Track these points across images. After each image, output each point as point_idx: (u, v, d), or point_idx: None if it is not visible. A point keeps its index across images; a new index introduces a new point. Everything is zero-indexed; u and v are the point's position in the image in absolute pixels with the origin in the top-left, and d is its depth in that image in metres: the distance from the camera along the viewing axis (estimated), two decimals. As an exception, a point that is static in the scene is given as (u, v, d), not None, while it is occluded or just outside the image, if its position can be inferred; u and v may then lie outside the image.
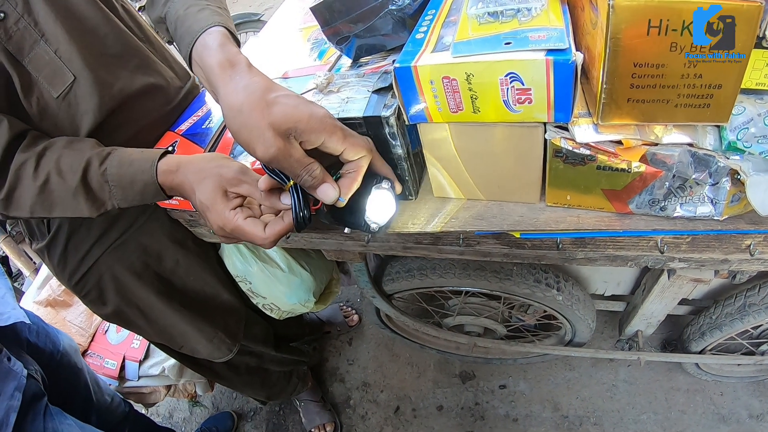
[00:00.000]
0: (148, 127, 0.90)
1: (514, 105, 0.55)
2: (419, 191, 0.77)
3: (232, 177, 0.64)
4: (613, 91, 0.51)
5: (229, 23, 0.67)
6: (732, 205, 0.62)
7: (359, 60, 0.81)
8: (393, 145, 0.67)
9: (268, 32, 1.06)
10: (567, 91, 0.52)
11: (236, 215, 0.63)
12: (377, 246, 0.86)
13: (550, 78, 0.51)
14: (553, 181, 0.64)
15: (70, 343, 1.29)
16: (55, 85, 0.74)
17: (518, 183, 0.67)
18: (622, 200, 0.63)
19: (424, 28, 0.64)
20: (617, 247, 0.72)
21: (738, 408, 1.46)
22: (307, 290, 1.20)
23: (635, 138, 0.55)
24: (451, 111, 0.59)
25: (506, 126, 0.59)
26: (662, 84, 0.50)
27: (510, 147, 0.62)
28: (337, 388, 1.83)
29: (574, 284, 1.16)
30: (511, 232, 0.70)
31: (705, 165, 0.57)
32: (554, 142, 0.58)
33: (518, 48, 0.52)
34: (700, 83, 0.49)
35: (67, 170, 0.70)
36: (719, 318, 1.10)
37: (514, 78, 0.52)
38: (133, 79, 0.85)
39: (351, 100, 0.68)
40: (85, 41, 0.77)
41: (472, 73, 0.54)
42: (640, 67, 0.49)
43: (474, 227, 0.69)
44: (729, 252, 0.69)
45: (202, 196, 0.65)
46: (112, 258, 0.94)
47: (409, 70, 0.57)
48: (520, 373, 1.67)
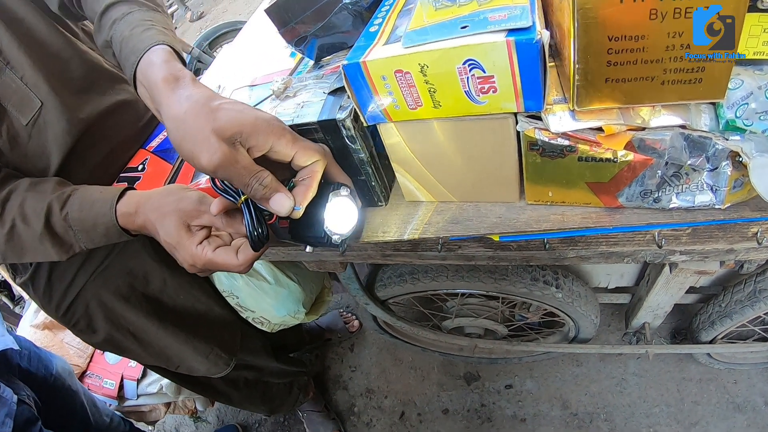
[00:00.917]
0: (121, 145, 0.89)
1: (478, 96, 0.49)
2: (389, 197, 0.71)
3: (191, 210, 0.62)
4: (587, 71, 0.44)
5: (175, 43, 0.63)
6: (735, 192, 0.55)
7: (321, 61, 0.75)
8: (353, 150, 0.60)
9: (243, 39, 1.04)
10: (535, 75, 0.45)
11: (204, 249, 0.61)
12: (355, 255, 0.81)
13: (514, 62, 0.44)
14: (532, 177, 0.57)
15: (63, 366, 1.29)
16: (24, 112, 0.74)
17: (494, 181, 0.60)
18: (610, 193, 0.57)
19: (379, 20, 0.58)
20: (611, 243, 0.65)
21: (754, 396, 1.39)
22: (296, 301, 1.18)
23: (618, 123, 0.49)
24: (410, 108, 0.53)
25: (472, 120, 0.52)
26: (644, 59, 0.43)
27: (479, 143, 0.55)
28: (341, 396, 1.79)
29: (574, 280, 1.10)
30: (490, 236, 0.63)
31: (701, 148, 0.51)
32: (527, 133, 0.51)
33: (476, 31, 0.45)
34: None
35: (31, 215, 0.69)
36: (729, 306, 1.03)
37: (474, 65, 0.46)
38: (102, 99, 0.85)
39: (307, 104, 0.62)
40: (49, 66, 0.76)
41: (426, 63, 0.47)
42: (616, 40, 0.42)
43: (448, 233, 0.63)
44: (734, 241, 0.62)
45: (166, 236, 0.63)
46: (97, 284, 0.92)
47: (359, 67, 0.51)
48: (526, 371, 1.61)
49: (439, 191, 0.64)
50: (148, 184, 0.84)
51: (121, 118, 0.88)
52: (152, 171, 0.86)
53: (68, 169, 0.80)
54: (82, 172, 0.82)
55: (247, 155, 0.52)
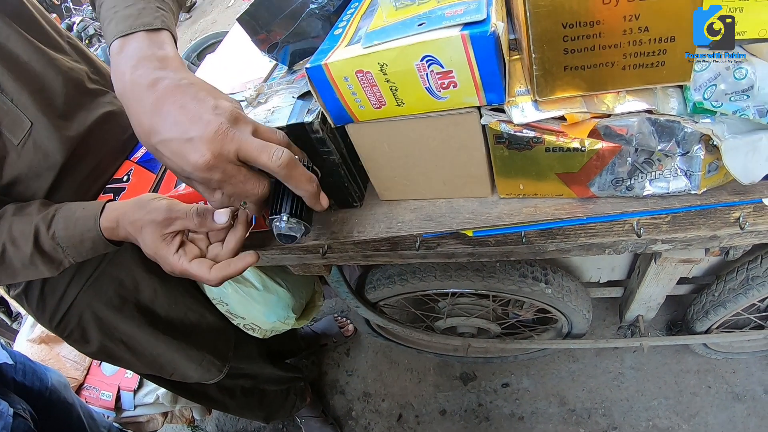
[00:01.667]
0: (107, 158, 0.90)
1: (439, 91, 0.48)
2: (365, 197, 0.70)
3: (162, 219, 0.63)
4: (544, 60, 0.44)
5: (127, 27, 0.58)
6: (710, 176, 0.55)
7: (293, 66, 0.75)
8: (324, 152, 0.60)
9: (225, 48, 1.04)
10: (492, 67, 0.45)
11: (180, 259, 0.63)
12: (337, 257, 0.80)
13: (470, 55, 0.44)
14: (501, 171, 0.57)
15: (59, 379, 1.28)
16: (15, 133, 0.75)
17: (464, 177, 0.60)
18: (581, 183, 0.56)
19: (343, 23, 0.58)
20: (589, 234, 0.65)
21: (752, 384, 1.37)
22: (286, 307, 1.17)
23: (582, 111, 0.48)
24: (374, 107, 0.52)
25: (436, 116, 0.52)
26: (602, 44, 0.43)
27: (446, 139, 0.55)
28: (338, 401, 1.78)
29: (564, 275, 1.09)
30: (463, 231, 0.63)
31: (670, 133, 0.50)
32: (492, 126, 0.51)
33: (432, 27, 0.45)
34: (647, 38, 0.42)
35: (20, 238, 0.71)
36: (722, 294, 1.02)
37: (432, 61, 0.45)
38: (87, 115, 0.86)
39: (277, 109, 0.62)
40: (34, 87, 0.77)
41: (385, 62, 0.47)
42: (570, 27, 0.41)
43: (421, 229, 0.62)
44: (717, 227, 0.61)
45: (146, 248, 0.65)
46: (88, 295, 0.92)
47: (321, 69, 0.50)
48: (523, 369, 1.60)
49: (412, 189, 0.64)
50: (132, 194, 0.85)
51: (106, 131, 0.89)
52: (136, 181, 0.88)
53: (58, 185, 0.81)
54: (71, 186, 0.83)
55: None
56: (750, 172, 0.51)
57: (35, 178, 0.79)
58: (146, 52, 0.54)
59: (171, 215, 0.63)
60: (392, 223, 0.65)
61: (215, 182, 0.51)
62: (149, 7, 0.59)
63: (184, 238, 0.66)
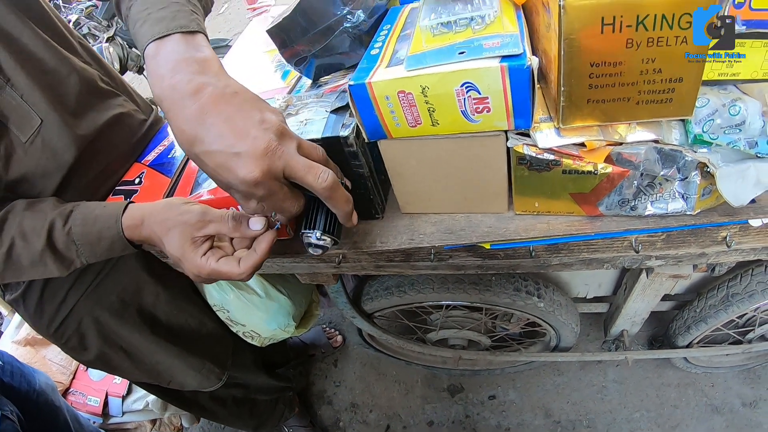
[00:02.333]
0: (116, 161, 0.89)
1: (473, 115, 0.53)
2: (386, 209, 0.75)
3: (196, 222, 0.63)
4: (572, 93, 0.50)
5: (164, 29, 0.57)
6: (704, 199, 0.61)
7: (319, 80, 0.79)
8: (355, 165, 0.64)
9: (234, 56, 1.06)
10: (525, 96, 0.50)
11: (208, 260, 0.62)
12: (349, 267, 0.84)
13: (507, 85, 0.49)
14: (520, 189, 0.62)
15: (47, 381, 1.26)
16: (23, 130, 0.73)
17: (484, 194, 0.65)
18: (591, 203, 0.62)
19: (379, 44, 0.62)
20: (591, 250, 0.70)
21: (730, 397, 1.45)
22: (287, 315, 1.18)
23: (599, 139, 0.54)
24: (410, 125, 0.57)
25: (467, 137, 0.57)
26: (621, 82, 0.49)
27: (473, 158, 0.60)
28: (326, 411, 1.79)
29: (554, 290, 1.15)
30: (481, 244, 0.68)
31: (672, 160, 0.56)
32: (517, 149, 0.56)
33: (472, 57, 0.50)
34: (660, 78, 0.48)
35: (30, 234, 0.69)
36: (703, 310, 1.09)
37: (470, 87, 0.51)
38: (98, 115, 0.84)
39: (309, 121, 0.66)
40: (46, 84, 0.76)
41: (427, 85, 0.52)
42: (597, 66, 0.47)
43: (443, 242, 0.67)
44: (705, 245, 0.68)
45: (171, 249, 0.64)
46: (90, 301, 0.91)
47: (364, 87, 0.55)
48: (509, 382, 1.65)
49: (434, 203, 0.69)
50: (145, 197, 0.85)
51: (116, 133, 0.89)
52: (150, 184, 0.87)
53: (66, 185, 0.80)
54: (78, 187, 0.82)
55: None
56: (740, 196, 0.57)
57: (43, 177, 0.77)
58: (184, 55, 0.53)
59: (205, 218, 0.63)
60: (414, 235, 0.69)
61: (257, 196, 0.51)
62: (183, 9, 0.58)
63: (212, 243, 0.65)
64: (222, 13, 5.22)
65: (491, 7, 0.54)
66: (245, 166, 0.48)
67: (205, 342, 1.10)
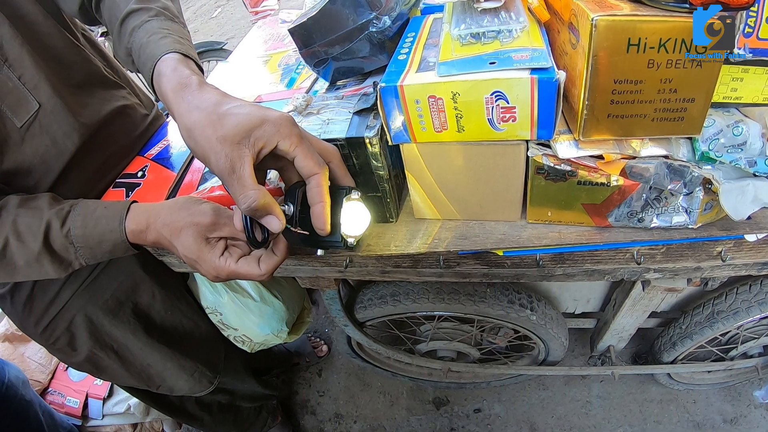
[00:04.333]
0: (117, 154, 0.88)
1: (499, 123, 0.56)
2: (399, 214, 0.77)
3: (209, 223, 0.62)
4: (594, 107, 0.53)
5: (190, 51, 0.65)
6: (705, 213, 0.64)
7: (336, 83, 0.81)
8: (375, 167, 0.66)
9: (237, 59, 1.06)
10: (550, 108, 0.53)
11: (227, 260, 0.61)
12: (355, 271, 0.84)
13: (535, 96, 0.52)
14: (535, 198, 0.65)
15: (16, 374, 1.23)
16: (18, 114, 0.70)
17: (500, 201, 0.68)
18: (602, 214, 0.65)
19: (405, 50, 0.65)
20: (595, 261, 0.73)
21: (712, 414, 1.50)
22: (280, 320, 1.17)
23: (615, 152, 0.57)
24: (435, 130, 0.59)
25: (489, 144, 0.60)
26: (640, 99, 0.52)
27: (491, 166, 0.62)
28: (309, 421, 1.78)
29: (546, 303, 1.17)
30: (495, 251, 0.70)
31: (680, 175, 0.60)
32: (536, 159, 0.59)
33: (503, 67, 0.53)
34: (674, 98, 0.52)
35: (26, 233, 0.66)
36: (689, 327, 1.13)
37: (500, 96, 0.53)
38: (102, 105, 0.83)
39: (332, 121, 0.67)
40: (52, 68, 0.74)
41: (458, 92, 0.54)
42: (619, 83, 0.51)
43: (458, 247, 0.69)
44: (701, 259, 0.72)
45: (185, 251, 0.62)
46: (83, 298, 0.88)
47: (395, 90, 0.57)
48: (494, 395, 1.67)
49: (449, 209, 0.71)
50: (148, 191, 0.83)
51: (119, 125, 0.88)
52: (153, 178, 0.86)
53: (66, 176, 0.78)
54: (79, 178, 0.80)
55: (249, 168, 0.51)
56: (739, 211, 0.61)
57: (41, 166, 0.75)
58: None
59: (219, 220, 0.62)
60: (428, 239, 0.71)
61: None
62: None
63: (227, 242, 0.64)
64: (215, 17, 5.25)
65: (518, 22, 0.57)
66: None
67: (198, 345, 1.08)
